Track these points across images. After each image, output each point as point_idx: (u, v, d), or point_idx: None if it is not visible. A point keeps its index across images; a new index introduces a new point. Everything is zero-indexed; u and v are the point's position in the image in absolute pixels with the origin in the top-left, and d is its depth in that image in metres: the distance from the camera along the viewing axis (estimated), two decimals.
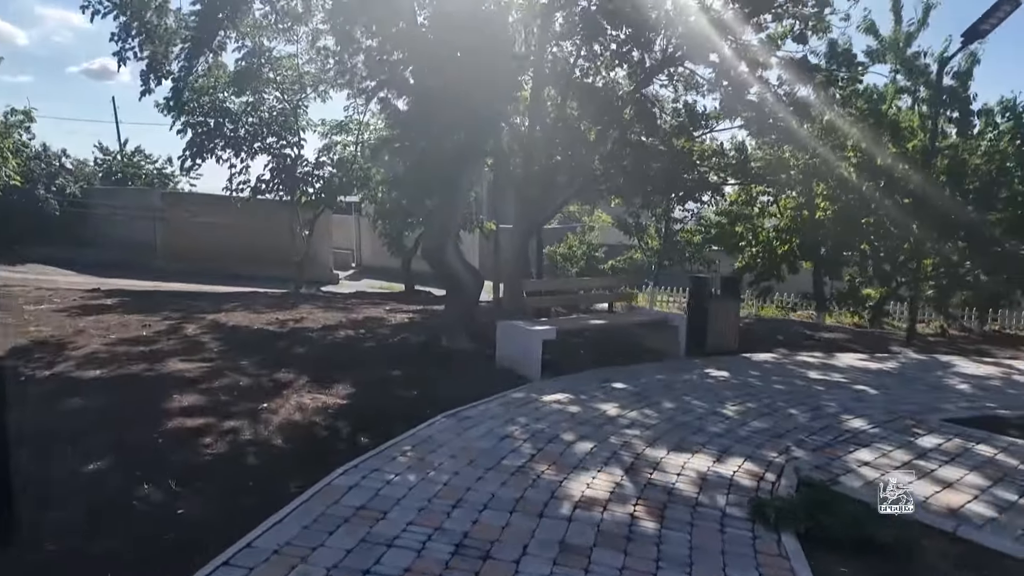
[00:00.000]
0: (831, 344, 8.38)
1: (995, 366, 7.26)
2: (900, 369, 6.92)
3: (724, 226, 13.74)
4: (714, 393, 5.58)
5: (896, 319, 13.14)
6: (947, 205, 10.89)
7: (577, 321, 6.71)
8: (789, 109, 10.31)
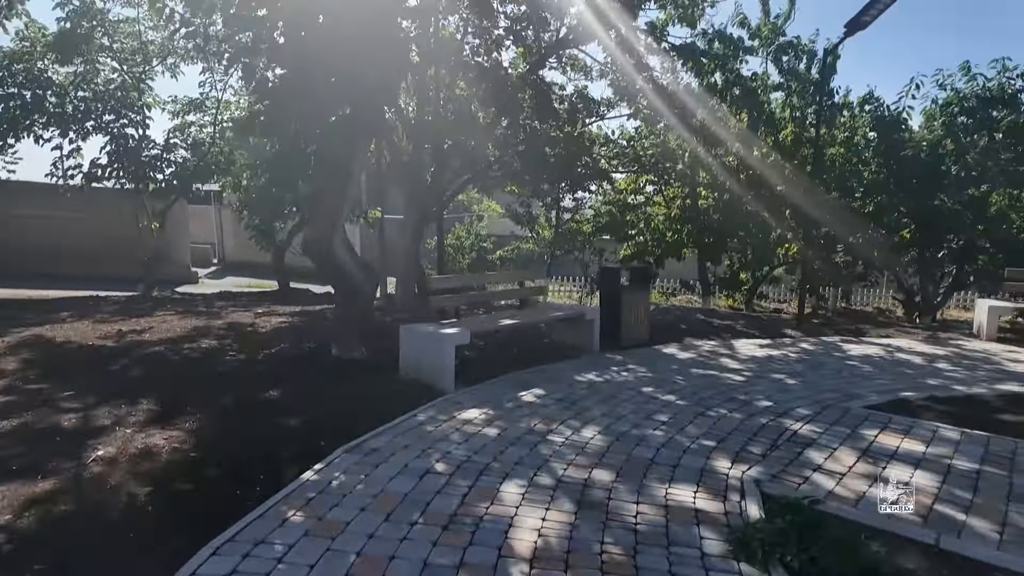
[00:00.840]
0: (731, 331, 8.42)
1: (878, 347, 7.59)
2: (803, 354, 7.00)
3: (614, 215, 13.71)
4: (642, 395, 5.16)
5: (767, 301, 13.91)
6: (814, 194, 11.52)
7: (488, 321, 6.02)
8: (677, 97, 10.35)
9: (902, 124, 11.23)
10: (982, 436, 4.27)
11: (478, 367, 5.82)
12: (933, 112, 11.08)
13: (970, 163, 10.41)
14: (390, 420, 4.30)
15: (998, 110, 10.40)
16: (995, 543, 2.90)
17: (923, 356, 6.96)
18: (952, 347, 7.50)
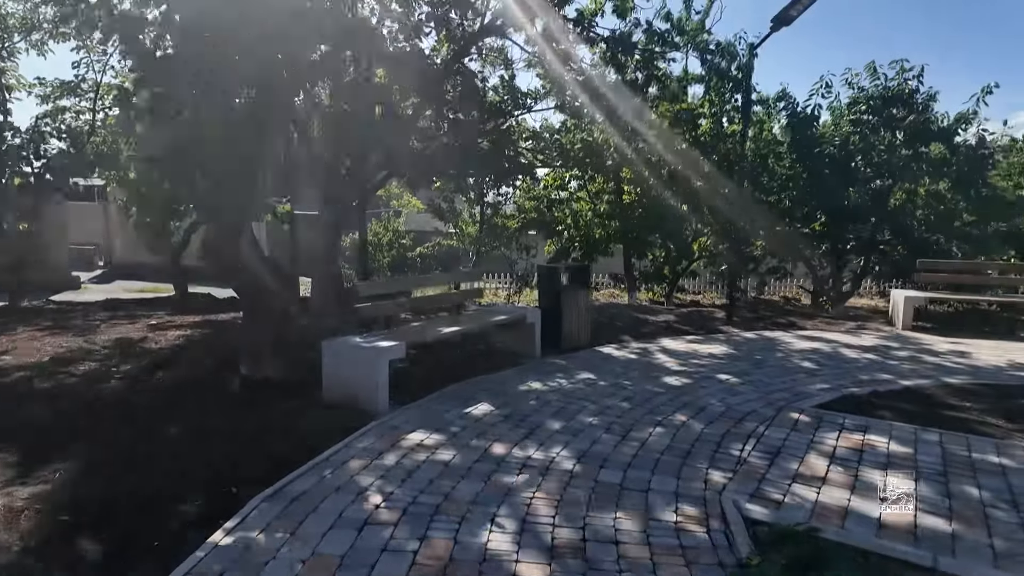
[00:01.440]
0: (668, 328, 8.30)
1: (812, 340, 7.70)
2: (742, 351, 6.93)
3: (542, 210, 13.42)
4: (595, 405, 4.80)
5: (684, 293, 14.14)
6: (730, 188, 11.74)
7: (425, 330, 5.44)
8: (603, 91, 10.16)
9: (814, 121, 11.62)
10: (935, 433, 4.23)
11: (414, 381, 5.26)
12: (842, 110, 11.55)
13: (875, 159, 10.91)
14: (317, 454, 3.67)
15: (898, 109, 10.95)
16: (989, 559, 2.74)
17: (855, 348, 7.08)
18: (878, 338, 7.72)
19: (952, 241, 10.83)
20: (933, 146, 10.86)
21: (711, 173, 11.68)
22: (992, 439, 4.15)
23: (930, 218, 10.84)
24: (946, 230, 10.73)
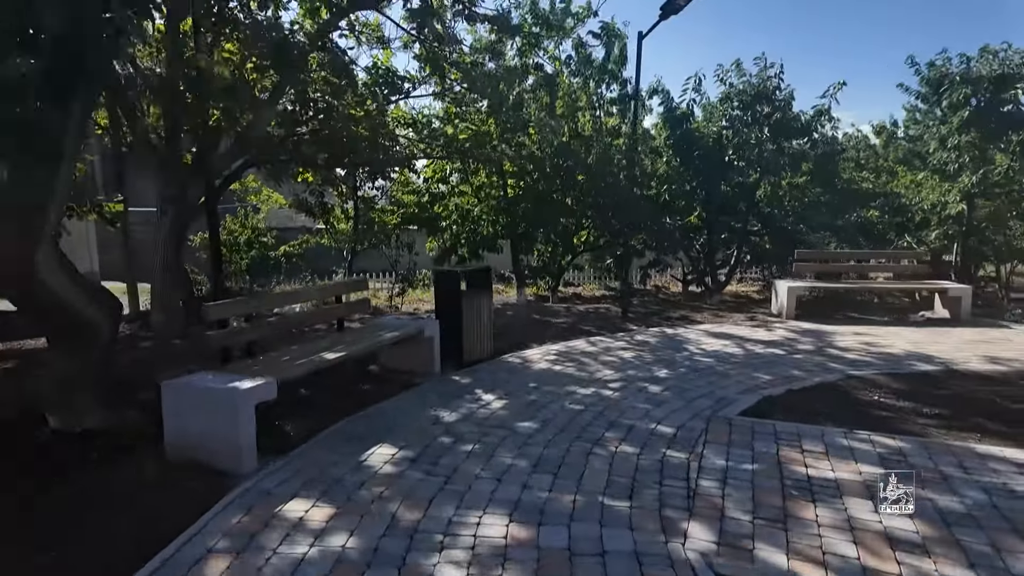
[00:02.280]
0: (571, 330, 7.87)
1: (711, 336, 7.64)
2: (650, 352, 6.64)
3: (423, 205, 12.52)
4: (515, 435, 4.14)
5: (567, 287, 14.03)
6: (611, 185, 11.68)
7: (300, 357, 4.42)
8: (488, 77, 9.52)
9: (688, 116, 11.83)
10: (865, 437, 4.08)
11: (290, 421, 4.27)
12: (714, 105, 11.86)
13: (747, 154, 11.32)
14: (161, 548, 2.65)
15: (762, 105, 11.41)
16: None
17: (755, 343, 7.07)
18: (771, 330, 7.83)
19: (816, 232, 11.55)
20: (794, 141, 11.48)
21: (593, 166, 11.53)
22: (917, 438, 4.07)
23: (796, 210, 11.45)
24: (809, 220, 11.40)
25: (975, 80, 10.49)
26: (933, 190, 11.33)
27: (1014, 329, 7.79)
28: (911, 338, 7.22)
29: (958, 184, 10.93)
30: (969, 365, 5.99)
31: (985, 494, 3.27)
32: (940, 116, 11.53)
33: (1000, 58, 10.44)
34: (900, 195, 11.51)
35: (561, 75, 11.80)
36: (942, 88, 10.89)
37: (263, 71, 8.10)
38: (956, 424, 4.37)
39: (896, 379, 5.53)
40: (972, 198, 10.77)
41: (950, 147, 11.22)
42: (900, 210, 11.33)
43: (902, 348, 6.72)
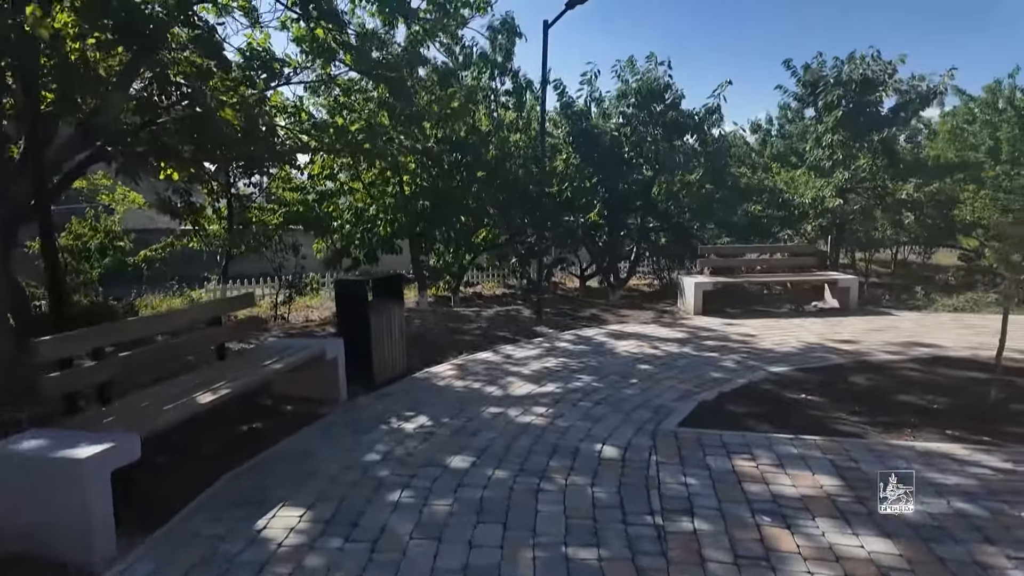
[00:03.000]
0: (485, 337, 7.36)
1: (628, 337, 7.45)
2: (572, 358, 6.28)
3: (308, 204, 11.42)
4: (445, 473, 3.56)
5: (468, 287, 13.57)
6: (511, 182, 11.35)
7: (168, 404, 3.50)
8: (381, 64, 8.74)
9: (587, 113, 11.73)
10: (811, 443, 3.94)
11: (160, 481, 3.39)
12: (612, 102, 11.84)
13: (645, 151, 11.41)
14: None
15: (656, 103, 11.55)
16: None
17: (672, 343, 6.95)
18: (684, 328, 7.78)
19: (710, 227, 11.91)
20: (686, 138, 11.73)
21: (492, 163, 11.13)
22: (859, 440, 4.00)
23: (691, 206, 11.72)
24: (703, 216, 11.72)
25: (846, 83, 11.27)
26: (811, 186, 12.07)
27: (897, 315, 8.36)
28: (814, 329, 7.47)
29: (833, 180, 11.72)
30: (875, 356, 6.22)
31: (944, 500, 3.17)
32: (815, 116, 12.32)
33: (867, 63, 11.28)
34: (783, 191, 12.15)
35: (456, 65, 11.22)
36: (818, 89, 11.61)
37: (109, 48, 6.81)
38: (886, 420, 4.38)
39: (815, 374, 5.58)
40: (845, 193, 11.59)
41: (824, 145, 12.01)
42: (784, 205, 11.95)
43: (810, 340, 6.90)
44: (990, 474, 3.46)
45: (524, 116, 12.76)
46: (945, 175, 13.16)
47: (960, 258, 15.83)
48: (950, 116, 15.91)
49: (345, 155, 10.85)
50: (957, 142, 15.15)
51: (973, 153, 14.36)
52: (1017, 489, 3.29)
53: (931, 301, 9.31)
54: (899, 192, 11.88)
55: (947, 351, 6.32)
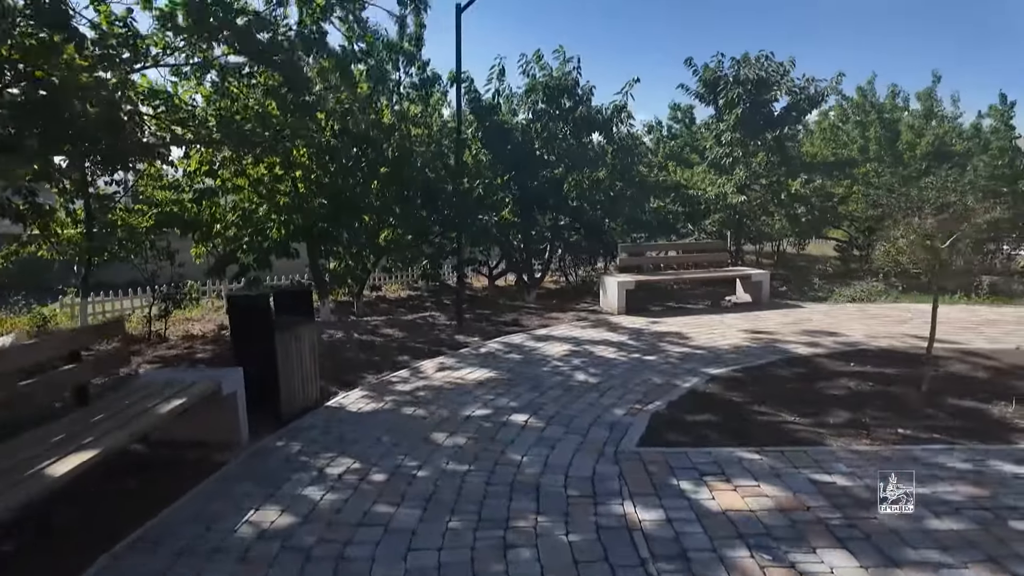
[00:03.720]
0: (400, 348, 6.67)
1: (556, 341, 7.07)
2: (505, 371, 5.78)
3: (185, 204, 10.03)
4: (384, 532, 2.93)
5: (373, 290, 12.72)
6: (416, 179, 10.69)
7: (7, 482, 2.58)
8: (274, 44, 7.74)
9: (496, 107, 11.28)
10: (778, 454, 3.71)
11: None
12: (521, 97, 11.45)
13: (556, 148, 11.14)
14: None
15: (566, 99, 11.33)
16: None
17: (605, 346, 6.64)
18: (611, 330, 7.52)
19: (622, 224, 11.88)
20: (595, 135, 11.62)
21: (396, 159, 10.38)
22: (824, 448, 3.83)
23: (603, 203, 11.61)
24: (615, 214, 11.65)
25: (743, 82, 11.64)
26: (712, 183, 12.41)
27: (806, 308, 8.64)
28: (737, 325, 7.50)
29: (734, 177, 12.10)
30: (801, 350, 6.26)
31: (934, 514, 3.01)
32: (715, 114, 12.67)
33: (761, 64, 11.72)
34: (687, 187, 12.39)
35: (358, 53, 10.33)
36: (718, 88, 11.91)
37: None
38: (838, 422, 4.28)
39: (753, 373, 5.48)
40: (744, 189, 12.01)
41: (724, 143, 12.38)
42: (689, 201, 12.19)
43: (737, 337, 6.88)
44: (957, 478, 3.38)
45: (430, 110, 12.09)
46: (823, 172, 14.09)
47: (836, 249, 17.16)
48: (825, 116, 17.16)
49: (228, 148, 9.63)
50: (832, 141, 16.36)
51: (845, 151, 15.54)
52: (992, 496, 3.20)
53: (831, 292, 9.79)
54: (791, 187, 12.52)
55: (867, 343, 6.50)
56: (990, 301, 9.13)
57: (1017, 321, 7.59)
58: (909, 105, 17.06)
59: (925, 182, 13.36)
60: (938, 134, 15.55)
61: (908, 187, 13.46)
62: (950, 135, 16.03)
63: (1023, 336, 6.74)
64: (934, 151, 15.49)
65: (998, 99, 16.58)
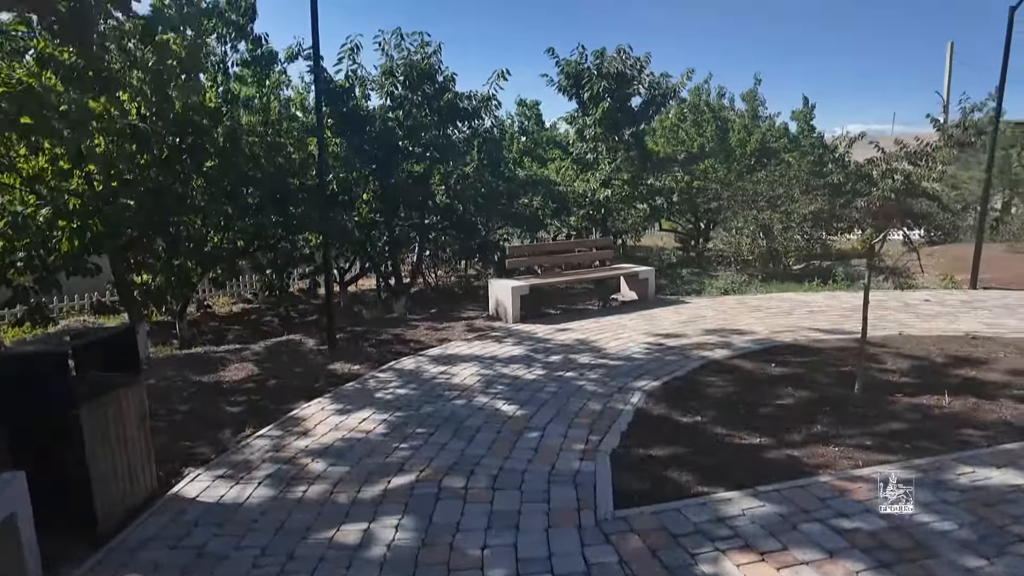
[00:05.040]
0: (261, 390, 5.19)
1: (457, 363, 6.06)
2: (412, 408, 4.66)
3: None
4: None
5: (206, 308, 10.64)
6: (251, 175, 9.02)
7: None
8: None
9: (351, 91, 9.87)
10: (780, 496, 3.14)
11: None
12: (378, 79, 10.13)
13: (423, 138, 10.05)
14: None
15: (428, 84, 10.26)
16: None
17: (513, 364, 5.76)
18: (516, 341, 6.62)
19: (496, 222, 11.10)
20: (463, 125, 10.71)
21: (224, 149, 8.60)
22: (818, 480, 3.33)
23: (475, 200, 10.75)
24: (488, 211, 10.85)
25: (606, 76, 11.46)
26: (580, 179, 12.15)
27: (691, 303, 8.54)
28: (638, 327, 7.06)
29: (599, 172, 11.94)
30: (714, 352, 5.93)
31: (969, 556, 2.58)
32: (578, 108, 12.38)
33: (622, 59, 11.62)
34: (556, 183, 11.98)
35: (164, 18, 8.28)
36: (582, 81, 11.61)
37: None
38: (805, 441, 3.86)
39: (688, 386, 4.98)
40: (609, 184, 11.88)
41: (588, 138, 12.16)
42: (559, 197, 11.77)
43: (646, 341, 6.41)
44: (964, 502, 3.04)
45: (267, 92, 10.26)
46: (673, 167, 14.64)
47: (677, 240, 18.13)
48: (667, 116, 17.96)
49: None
50: (673, 139, 17.16)
51: (684, 148, 16.35)
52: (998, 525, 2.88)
53: (702, 285, 9.90)
54: (651, 182, 12.71)
55: (773, 339, 6.35)
56: (845, 287, 9.78)
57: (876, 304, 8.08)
58: (735, 105, 18.50)
59: (758, 176, 14.39)
60: (764, 132, 17.01)
61: (743, 181, 14.42)
62: (770, 133, 17.64)
63: (891, 319, 7.12)
64: (761, 148, 16.93)
65: (801, 102, 18.68)
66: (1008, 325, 6.71)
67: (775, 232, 11.99)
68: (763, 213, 12.53)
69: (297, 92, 11.32)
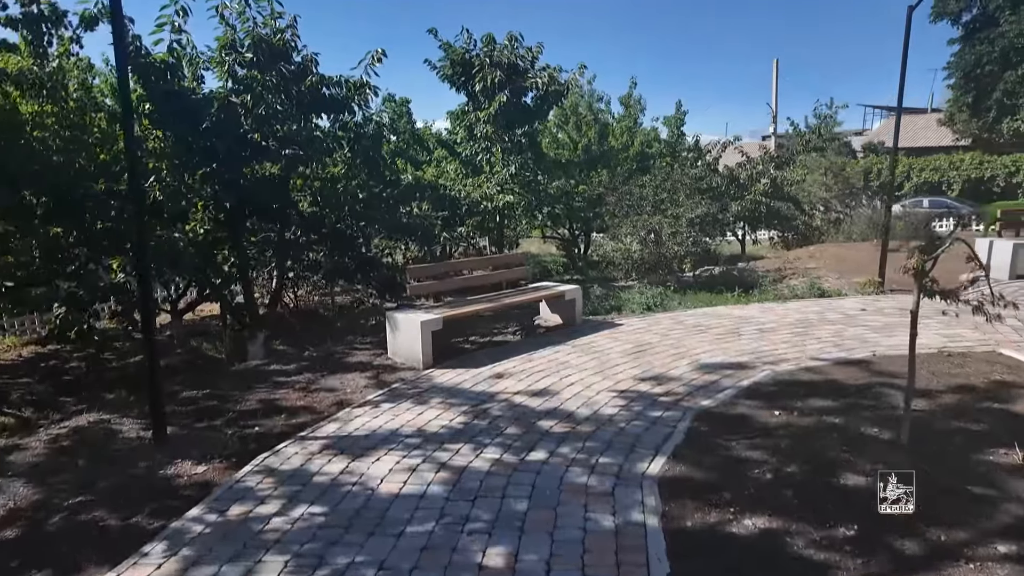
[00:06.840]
0: (44, 540, 3.01)
1: (379, 452, 4.21)
2: (304, 557, 2.82)
3: None
4: None
5: None
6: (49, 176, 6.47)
7: None
8: None
9: (175, 68, 7.47)
10: None
11: None
12: (216, 53, 7.80)
13: (282, 131, 7.92)
14: None
15: (284, 64, 8.12)
16: None
17: (455, 443, 4.04)
18: (440, 401, 4.90)
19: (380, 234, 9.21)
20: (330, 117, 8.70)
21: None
22: None
23: (355, 208, 8.77)
24: (367, 220, 8.92)
25: (499, 65, 10.07)
26: (472, 183, 10.63)
27: (624, 325, 7.32)
28: (584, 365, 5.64)
29: (496, 176, 10.51)
30: (703, 400, 4.70)
31: None
32: (468, 101, 10.84)
33: (513, 47, 10.30)
34: (448, 187, 10.34)
35: None
36: (474, 70, 10.10)
37: None
38: (817, 519, 2.68)
39: (696, 460, 3.66)
40: (506, 189, 10.52)
41: (479, 137, 10.68)
42: (452, 204, 10.15)
43: (609, 390, 5.02)
44: None
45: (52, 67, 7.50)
46: (568, 170, 13.71)
47: (559, 247, 17.36)
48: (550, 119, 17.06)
49: None
50: (554, 143, 16.29)
51: (566, 152, 15.54)
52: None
53: (620, 300, 8.80)
54: (548, 187, 11.57)
55: (754, 372, 5.28)
56: (772, 297, 9.18)
57: (813, 316, 7.49)
58: (611, 108, 18.12)
59: (643, 180, 13.91)
60: (643, 136, 16.73)
61: (629, 185, 13.86)
62: (647, 138, 17.48)
63: (849, 336, 6.47)
64: (641, 152, 16.62)
65: (675, 107, 18.82)
66: (971, 337, 6.24)
67: (664, 237, 11.36)
68: (653, 218, 11.94)
69: (104, 77, 8.61)
